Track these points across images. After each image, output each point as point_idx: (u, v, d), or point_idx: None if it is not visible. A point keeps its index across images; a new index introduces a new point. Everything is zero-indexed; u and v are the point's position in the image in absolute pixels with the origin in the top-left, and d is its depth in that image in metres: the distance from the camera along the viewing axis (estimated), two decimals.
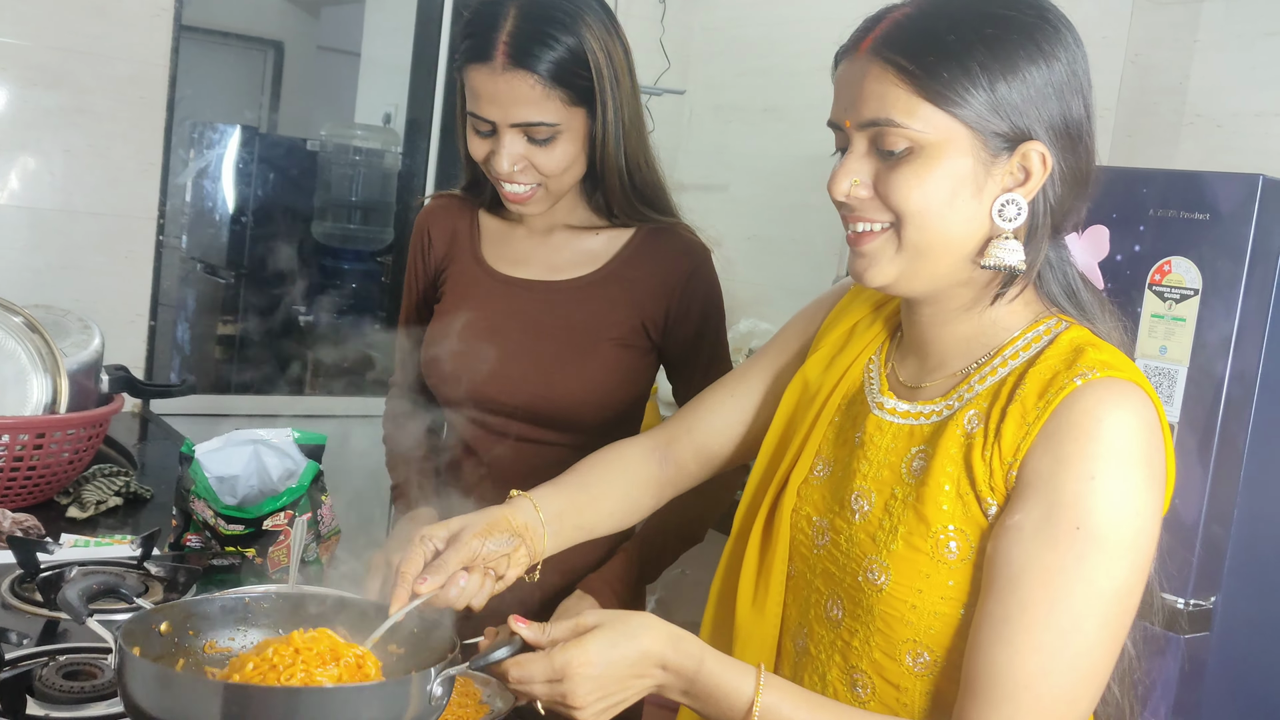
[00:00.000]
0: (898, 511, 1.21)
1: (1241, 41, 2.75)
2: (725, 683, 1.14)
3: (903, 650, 1.20)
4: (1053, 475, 1.11)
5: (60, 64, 2.87)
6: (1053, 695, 1.09)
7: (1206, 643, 2.08)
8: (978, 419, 1.18)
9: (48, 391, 2.02)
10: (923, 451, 1.22)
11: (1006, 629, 1.10)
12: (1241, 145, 2.73)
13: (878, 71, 1.15)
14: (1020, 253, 1.16)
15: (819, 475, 1.34)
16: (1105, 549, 1.09)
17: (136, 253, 3.04)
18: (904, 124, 1.13)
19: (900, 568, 1.19)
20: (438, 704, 1.14)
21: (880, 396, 1.30)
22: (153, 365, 3.13)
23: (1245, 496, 2.05)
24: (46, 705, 1.30)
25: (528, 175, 1.71)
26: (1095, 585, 1.09)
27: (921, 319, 1.27)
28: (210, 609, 1.28)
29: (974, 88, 1.12)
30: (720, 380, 1.55)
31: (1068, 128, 1.16)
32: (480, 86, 1.67)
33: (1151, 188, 2.05)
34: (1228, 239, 1.96)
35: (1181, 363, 2.00)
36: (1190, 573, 2.03)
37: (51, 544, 1.77)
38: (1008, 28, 1.14)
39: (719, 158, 3.99)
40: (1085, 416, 1.10)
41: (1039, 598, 1.09)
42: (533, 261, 1.85)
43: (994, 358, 1.22)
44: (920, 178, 1.14)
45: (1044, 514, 1.10)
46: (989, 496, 1.15)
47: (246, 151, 4.89)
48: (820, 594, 1.30)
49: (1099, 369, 1.13)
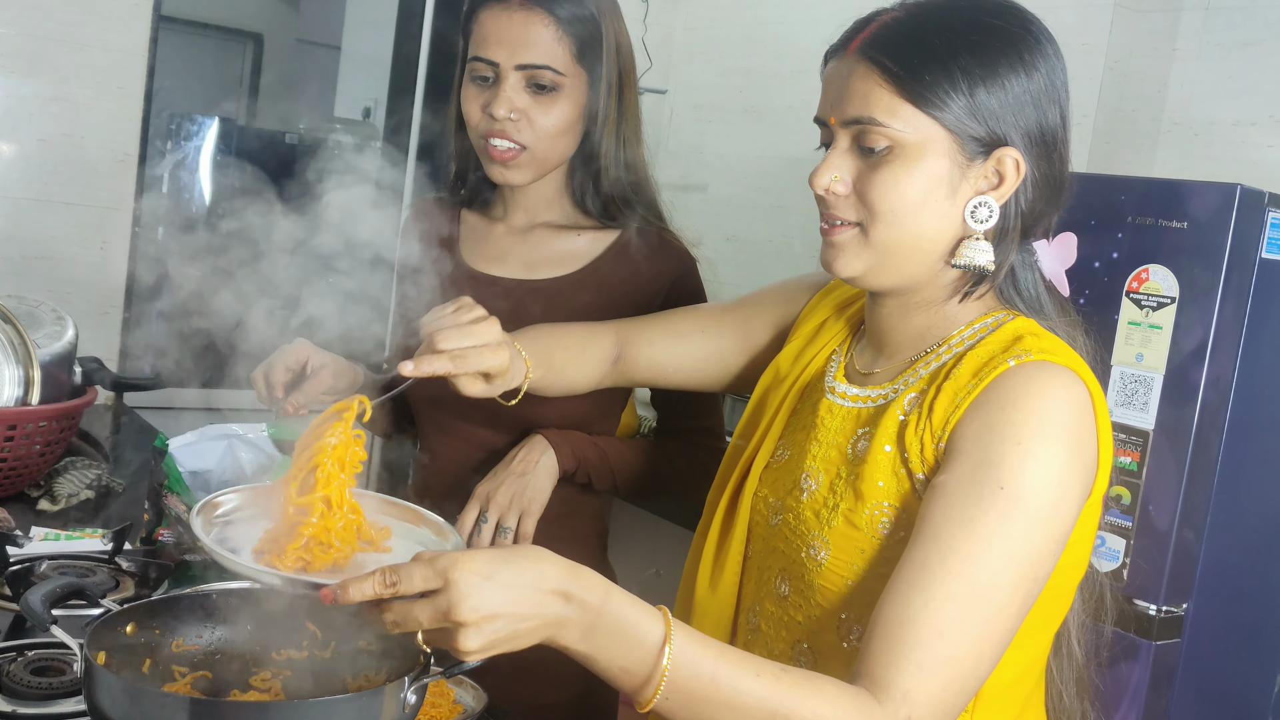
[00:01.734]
0: (840, 490, 1.24)
1: (1219, 51, 2.77)
2: (632, 617, 1.04)
3: (840, 625, 1.23)
4: (978, 438, 1.14)
5: (38, 52, 2.84)
6: (964, 648, 1.09)
7: (1177, 649, 2.09)
8: (915, 401, 1.22)
9: (19, 383, 2.00)
10: (867, 433, 1.25)
11: (925, 576, 1.10)
12: (1219, 154, 2.74)
13: (864, 71, 1.19)
14: (990, 253, 1.20)
15: (779, 459, 1.37)
16: (1026, 512, 1.11)
17: (111, 244, 3.02)
18: (885, 123, 1.17)
19: (839, 543, 1.22)
20: (411, 711, 1.13)
21: (834, 381, 1.34)
22: (126, 358, 3.11)
23: (1218, 504, 2.06)
24: (14, 701, 1.29)
25: (520, 130, 1.68)
26: (1012, 544, 1.10)
27: (883, 310, 1.30)
28: (177, 607, 1.28)
29: (955, 92, 1.16)
30: (695, 310, 1.60)
31: (1043, 136, 1.20)
32: (491, 25, 1.66)
33: (1129, 195, 2.06)
34: (1205, 247, 1.97)
35: (1158, 370, 2.01)
36: (1162, 579, 2.04)
37: (22, 537, 1.76)
38: (993, 36, 1.18)
39: (698, 158, 3.99)
40: (1015, 390, 1.14)
41: (959, 549, 1.10)
42: (509, 259, 1.81)
43: (940, 345, 1.26)
44: (897, 178, 1.18)
45: (969, 472, 1.12)
46: (919, 470, 1.18)
47: (224, 144, 4.86)
48: (771, 571, 1.32)
49: (1034, 352, 1.16)
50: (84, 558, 1.71)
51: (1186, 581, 2.07)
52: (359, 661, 1.27)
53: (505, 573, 1.01)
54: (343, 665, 1.28)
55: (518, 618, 1.01)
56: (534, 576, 1.02)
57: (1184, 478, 2.00)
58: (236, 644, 1.29)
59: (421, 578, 1.01)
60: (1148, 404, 2.03)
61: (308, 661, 1.29)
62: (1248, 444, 2.07)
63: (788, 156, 3.63)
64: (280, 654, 1.29)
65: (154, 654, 1.24)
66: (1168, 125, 2.86)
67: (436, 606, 1.00)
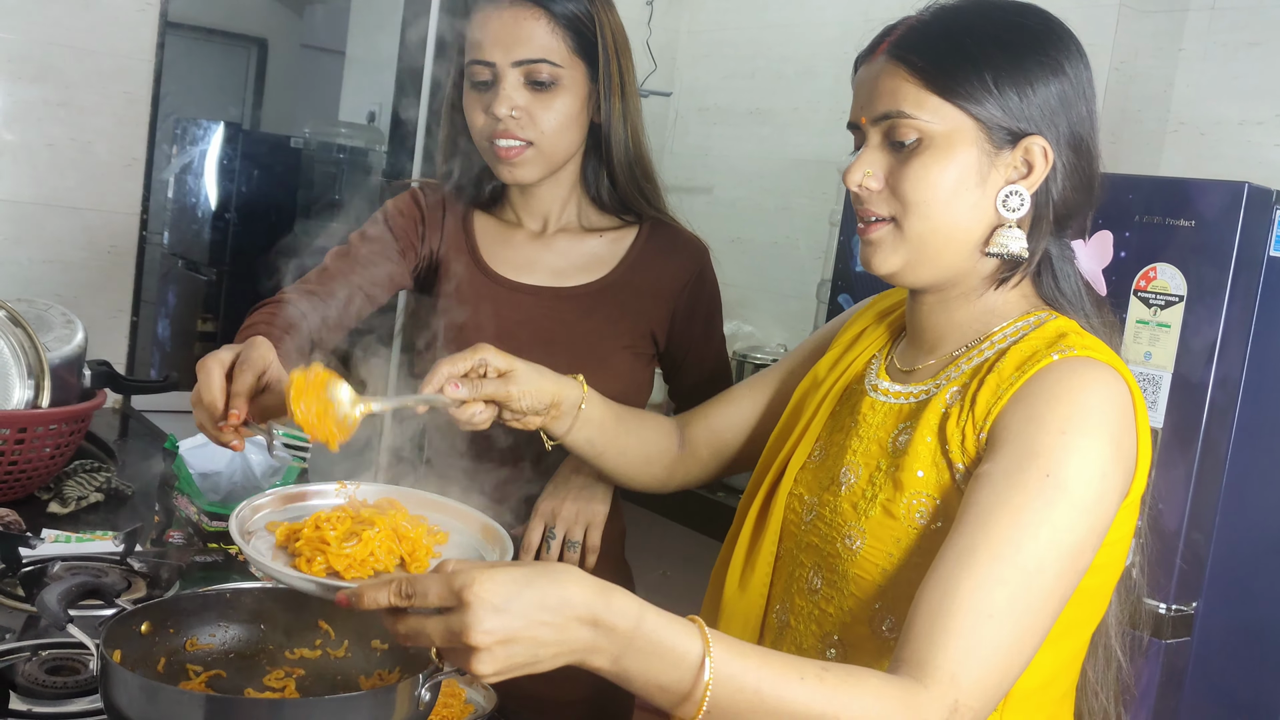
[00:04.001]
0: (880, 481, 1.26)
1: (1225, 51, 2.77)
2: (669, 638, 1.00)
3: (873, 615, 1.23)
4: (1024, 428, 1.15)
5: (45, 57, 2.85)
6: (1011, 633, 1.08)
7: (1187, 648, 2.08)
8: (957, 395, 1.23)
9: (29, 386, 2.01)
10: (908, 427, 1.26)
11: (971, 560, 1.10)
12: (1224, 153, 2.75)
13: (891, 69, 1.23)
14: (1023, 240, 1.23)
15: (815, 459, 1.39)
16: (1071, 500, 1.11)
17: (119, 248, 3.02)
18: (913, 115, 1.21)
19: (875, 532, 1.23)
20: (426, 709, 1.14)
21: (876, 379, 1.36)
22: (134, 361, 3.12)
23: (1227, 503, 2.06)
24: (29, 700, 1.30)
25: (523, 127, 1.67)
26: (1059, 532, 1.11)
27: (923, 307, 1.32)
28: (191, 606, 1.28)
29: (980, 81, 1.19)
30: (743, 381, 1.63)
31: (1073, 133, 1.23)
32: (486, 26, 1.66)
33: (1137, 194, 2.06)
34: (1212, 246, 1.97)
35: (1165, 369, 2.01)
36: (1172, 578, 2.03)
37: (33, 539, 1.76)
38: (1018, 33, 1.22)
39: (704, 160, 3.99)
40: (1058, 384, 1.16)
41: (1006, 535, 1.10)
42: (537, 267, 1.79)
43: (982, 341, 1.27)
44: (928, 169, 1.21)
45: (1015, 461, 1.13)
46: (960, 461, 1.19)
47: (230, 148, 4.87)
48: (804, 568, 1.33)
49: (1078, 348, 1.18)
50: (96, 559, 1.72)
51: (1196, 580, 2.07)
52: (373, 660, 1.28)
53: (526, 596, 0.96)
54: (356, 664, 1.28)
55: (537, 643, 0.97)
56: (557, 601, 0.97)
57: (1193, 476, 2.00)
58: (250, 642, 1.29)
59: (437, 594, 0.97)
60: (1156, 402, 2.03)
61: (321, 660, 1.29)
62: (1256, 442, 2.07)
63: (793, 159, 3.63)
64: (294, 653, 1.29)
65: (169, 653, 1.24)
66: (1174, 125, 2.86)
67: (450, 626, 0.96)
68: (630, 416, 1.57)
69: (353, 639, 1.30)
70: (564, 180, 1.77)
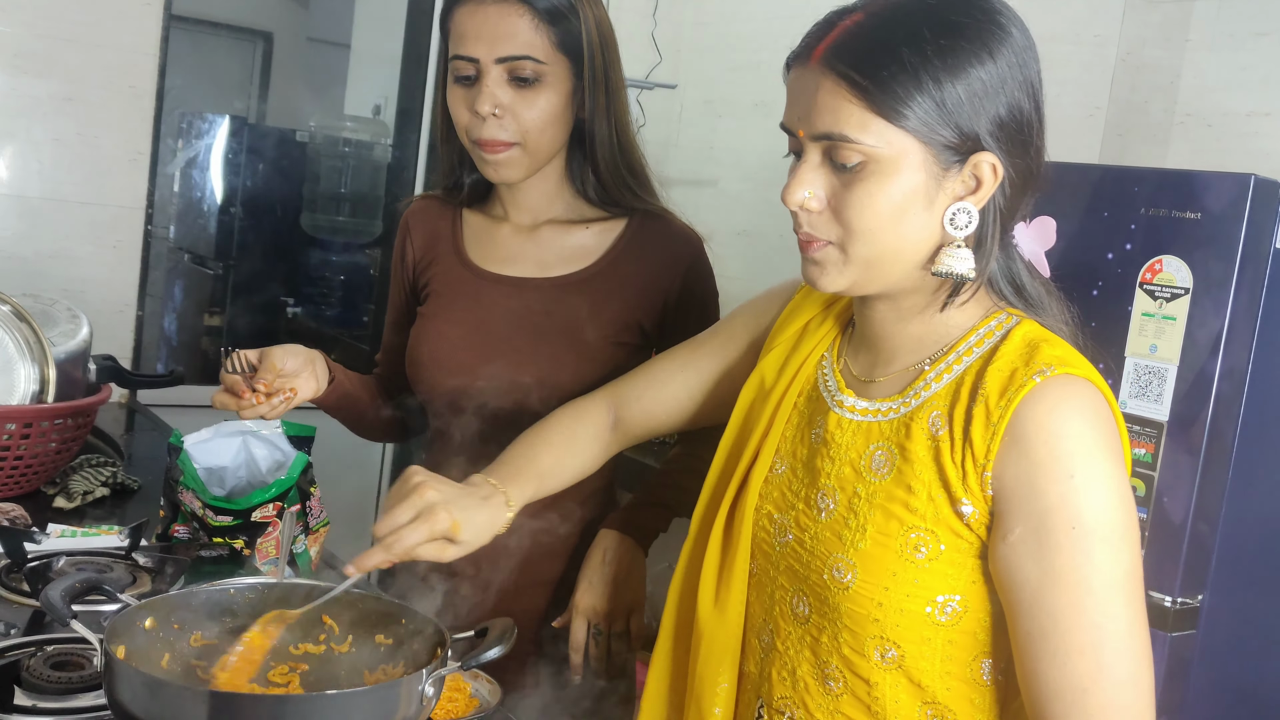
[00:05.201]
0: (863, 511, 1.22)
1: (1233, 41, 2.76)
2: None
3: (870, 646, 1.22)
4: (1032, 484, 1.13)
5: (50, 52, 2.85)
6: (1112, 684, 1.11)
7: (1192, 641, 2.08)
8: (942, 420, 1.20)
9: (35, 381, 2.01)
10: (884, 449, 1.23)
11: (1047, 644, 1.12)
12: (1232, 145, 2.74)
13: (830, 85, 1.15)
14: (970, 260, 1.18)
15: (778, 473, 1.35)
16: (1104, 538, 1.11)
17: (125, 242, 3.02)
18: (857, 139, 1.14)
19: (868, 566, 1.20)
20: (429, 704, 1.14)
21: (840, 395, 1.31)
22: (140, 355, 3.12)
23: (1233, 495, 2.05)
24: (34, 695, 1.30)
25: (507, 125, 1.66)
26: (1108, 574, 1.11)
27: (875, 316, 1.28)
28: (195, 602, 1.28)
29: (925, 100, 1.12)
30: (671, 353, 1.58)
31: (1015, 124, 1.17)
32: (467, 21, 1.64)
33: (1143, 187, 2.05)
34: (1219, 238, 1.97)
35: (1171, 361, 2.01)
36: (1177, 571, 2.03)
37: (38, 534, 1.77)
38: (959, 36, 1.13)
39: (709, 152, 3.99)
40: (1049, 417, 1.13)
41: (1063, 604, 1.11)
42: (521, 259, 1.79)
43: (947, 354, 1.24)
44: (873, 195, 1.15)
45: (1037, 524, 1.12)
46: (963, 496, 1.17)
47: (235, 142, 4.88)
48: (785, 590, 1.31)
49: (1055, 365, 1.15)
50: (101, 554, 1.72)
51: (1201, 573, 2.07)
52: (377, 655, 1.28)
53: None
54: (360, 659, 1.29)
55: None
56: None
57: (1198, 469, 2.00)
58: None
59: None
60: (1162, 395, 2.02)
61: (325, 655, 1.29)
62: (1262, 434, 2.06)
63: None
64: (298, 648, 1.29)
65: (172, 649, 1.24)
66: (1180, 116, 2.85)
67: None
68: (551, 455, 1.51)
69: (357, 634, 1.30)
70: (550, 175, 1.77)
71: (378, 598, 1.32)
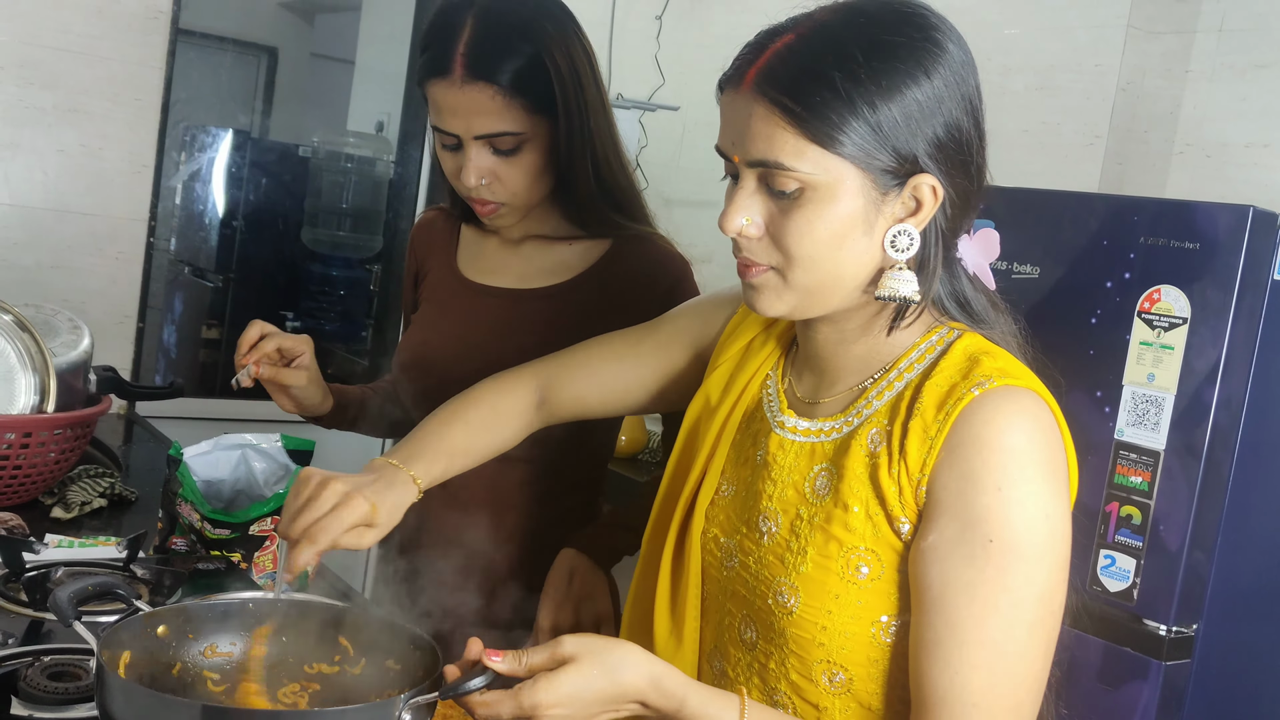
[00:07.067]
0: (805, 533, 1.20)
1: (1233, 72, 2.78)
2: (711, 714, 1.10)
3: (818, 671, 1.20)
4: (961, 491, 1.11)
5: (56, 64, 2.87)
6: (1001, 706, 1.10)
7: (1187, 670, 2.08)
8: (880, 437, 1.18)
9: (35, 391, 2.01)
10: (826, 470, 1.22)
11: (941, 651, 1.10)
12: (1231, 175, 2.75)
13: (763, 112, 1.13)
14: (914, 283, 1.16)
15: (724, 495, 1.34)
16: (1021, 557, 1.09)
17: (127, 254, 3.03)
18: (793, 167, 1.12)
19: (810, 589, 1.19)
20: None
21: (781, 415, 1.30)
22: (140, 367, 3.12)
23: (1229, 524, 2.06)
24: (30, 706, 1.30)
25: (495, 190, 1.69)
26: (1017, 594, 1.09)
27: (817, 338, 1.27)
28: (209, 612, 1.28)
29: (860, 125, 1.10)
30: (607, 340, 1.55)
31: (955, 144, 1.14)
32: (442, 100, 1.65)
33: (1142, 216, 2.06)
34: (1217, 269, 1.98)
35: (1169, 390, 2.02)
36: (1173, 600, 2.03)
37: (36, 544, 1.77)
38: (893, 57, 1.11)
39: (711, 174, 3.99)
40: (985, 428, 1.11)
41: (965, 615, 1.10)
42: (504, 271, 1.85)
43: (889, 371, 1.22)
44: (811, 223, 1.13)
45: (958, 531, 1.11)
46: (900, 514, 1.15)
47: (238, 156, 4.89)
48: (733, 616, 1.29)
49: (995, 377, 1.13)
50: (98, 564, 1.72)
51: (1197, 602, 2.07)
52: (387, 679, 1.26)
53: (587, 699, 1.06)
54: (370, 682, 1.27)
55: None
56: (614, 694, 1.08)
57: (1195, 498, 2.00)
58: (269, 654, 1.29)
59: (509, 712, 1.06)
60: (1159, 424, 2.03)
61: (338, 677, 1.28)
62: (1259, 464, 2.07)
63: None
64: (312, 668, 1.28)
65: (185, 659, 1.24)
66: (1180, 146, 2.86)
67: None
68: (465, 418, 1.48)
69: (370, 658, 1.29)
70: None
71: (391, 621, 1.31)
